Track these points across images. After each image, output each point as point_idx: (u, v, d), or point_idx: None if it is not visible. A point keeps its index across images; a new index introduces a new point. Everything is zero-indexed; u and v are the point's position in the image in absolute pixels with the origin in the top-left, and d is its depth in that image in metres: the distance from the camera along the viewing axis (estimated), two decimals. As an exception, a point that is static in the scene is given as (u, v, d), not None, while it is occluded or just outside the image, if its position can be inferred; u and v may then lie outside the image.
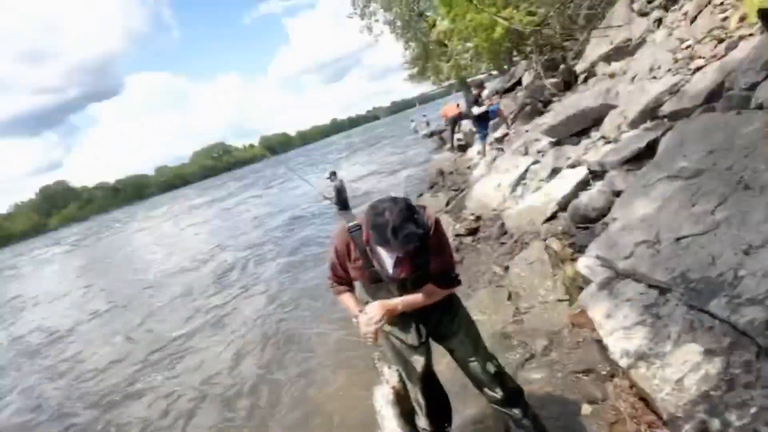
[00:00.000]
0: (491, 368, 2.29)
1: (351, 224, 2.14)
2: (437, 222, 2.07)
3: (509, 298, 4.20)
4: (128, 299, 10.19)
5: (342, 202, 11.23)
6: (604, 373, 2.73)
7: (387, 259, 2.08)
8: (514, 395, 2.34)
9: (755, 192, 2.38)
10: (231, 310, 7.28)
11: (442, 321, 2.29)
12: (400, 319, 2.23)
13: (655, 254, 2.58)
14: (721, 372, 1.79)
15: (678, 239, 2.55)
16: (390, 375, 2.20)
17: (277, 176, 32.96)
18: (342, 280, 2.27)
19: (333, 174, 11.31)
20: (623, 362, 2.25)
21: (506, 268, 4.67)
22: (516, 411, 2.33)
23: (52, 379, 6.74)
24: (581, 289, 3.36)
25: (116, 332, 7.93)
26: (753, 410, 1.61)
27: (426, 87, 26.85)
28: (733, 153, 2.78)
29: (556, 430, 2.47)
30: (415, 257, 2.03)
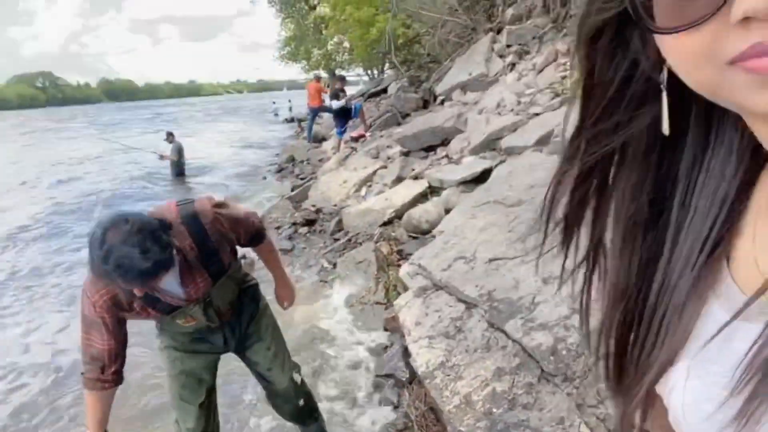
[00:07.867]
0: (297, 378, 2.11)
1: (98, 277, 1.50)
2: (217, 208, 1.68)
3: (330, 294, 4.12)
4: None
5: (178, 167, 10.33)
6: (403, 379, 2.74)
7: (168, 283, 1.58)
8: (314, 409, 2.24)
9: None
10: None
11: (249, 324, 1.95)
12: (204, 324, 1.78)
13: (469, 271, 2.67)
14: (506, 391, 1.85)
15: (491, 260, 2.67)
16: None
17: (115, 124, 28.85)
18: (111, 369, 1.62)
19: (170, 134, 10.26)
20: (422, 370, 2.24)
21: (334, 265, 4.60)
22: (313, 427, 2.23)
23: None
24: (400, 295, 3.40)
25: None
26: None
27: (296, 73, 26.10)
28: (550, 191, 3.04)
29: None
30: (203, 263, 1.64)
